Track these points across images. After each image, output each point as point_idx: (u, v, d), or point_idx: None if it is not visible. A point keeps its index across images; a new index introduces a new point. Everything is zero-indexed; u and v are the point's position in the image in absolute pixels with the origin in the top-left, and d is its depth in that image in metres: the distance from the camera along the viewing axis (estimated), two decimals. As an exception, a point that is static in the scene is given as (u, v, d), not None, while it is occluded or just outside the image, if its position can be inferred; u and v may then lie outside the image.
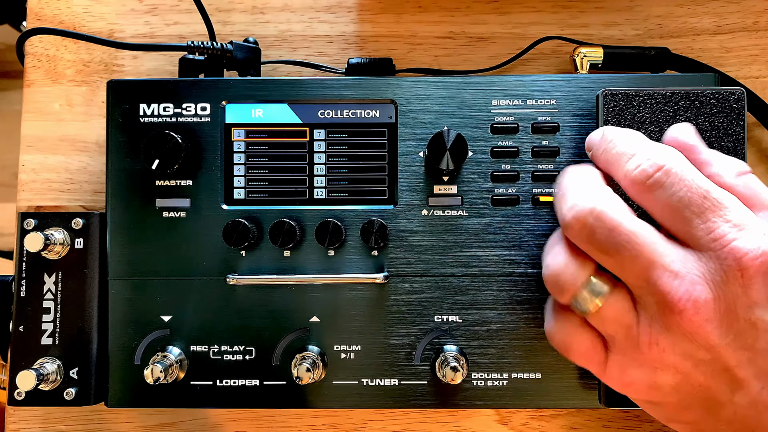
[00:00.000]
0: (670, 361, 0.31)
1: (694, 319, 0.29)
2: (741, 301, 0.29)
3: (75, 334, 0.42)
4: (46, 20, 0.49)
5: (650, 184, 0.31)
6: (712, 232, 0.30)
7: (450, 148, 0.39)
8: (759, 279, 0.29)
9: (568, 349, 0.35)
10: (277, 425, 0.46)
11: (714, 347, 0.30)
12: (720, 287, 0.29)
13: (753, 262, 0.29)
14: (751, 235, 0.29)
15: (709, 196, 0.30)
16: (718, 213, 0.30)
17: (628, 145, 0.33)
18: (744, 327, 0.30)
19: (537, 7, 0.49)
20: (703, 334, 0.30)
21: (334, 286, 0.42)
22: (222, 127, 0.42)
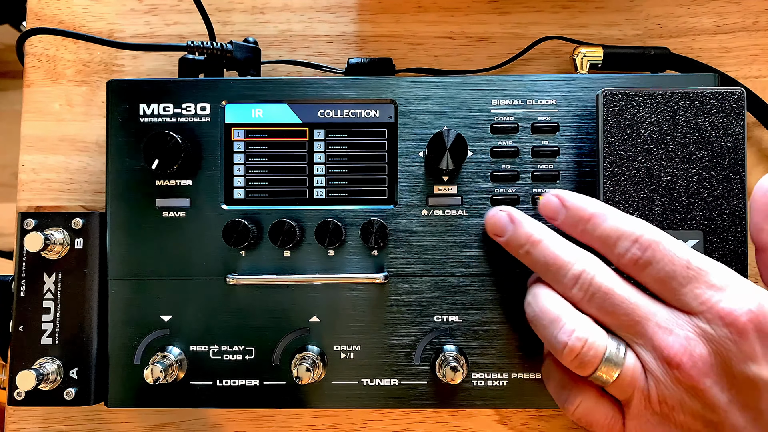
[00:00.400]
0: (681, 420, 0.32)
1: (692, 372, 0.31)
2: (736, 357, 0.31)
3: (75, 334, 0.42)
4: (46, 20, 0.49)
5: (640, 265, 0.33)
6: (699, 298, 0.32)
7: (450, 148, 0.39)
8: (749, 335, 0.31)
9: (591, 424, 0.36)
10: (277, 425, 0.46)
11: (718, 407, 0.31)
12: (713, 343, 0.31)
13: (740, 319, 0.31)
14: (735, 294, 0.32)
15: (691, 266, 0.33)
16: (701, 279, 0.32)
17: (608, 226, 0.35)
18: (743, 384, 0.31)
19: (537, 7, 0.49)
20: (703, 389, 0.31)
21: (334, 286, 0.42)
22: (222, 127, 0.42)
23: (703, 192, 0.39)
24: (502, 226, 0.38)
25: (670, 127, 0.39)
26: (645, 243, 0.33)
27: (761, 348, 0.31)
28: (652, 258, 0.33)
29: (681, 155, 0.39)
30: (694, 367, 0.31)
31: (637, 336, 0.33)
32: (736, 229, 0.39)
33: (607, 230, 0.35)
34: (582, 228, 0.35)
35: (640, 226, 0.34)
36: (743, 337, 0.31)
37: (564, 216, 0.36)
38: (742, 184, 0.39)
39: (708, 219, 0.39)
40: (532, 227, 0.37)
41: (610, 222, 0.35)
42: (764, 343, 0.31)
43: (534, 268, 0.37)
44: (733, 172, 0.39)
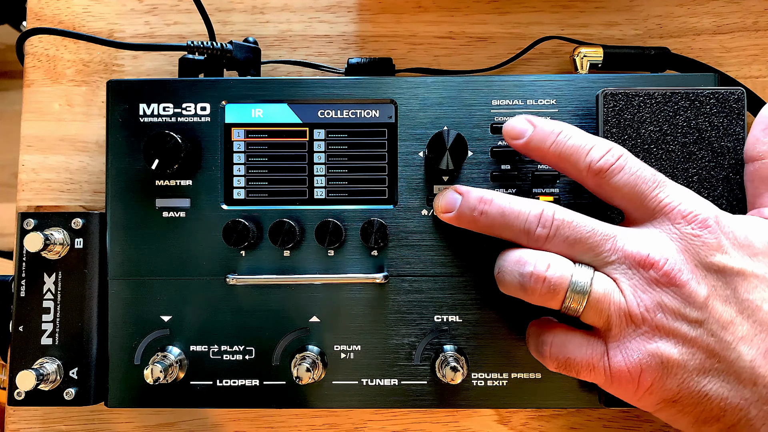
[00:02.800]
0: (664, 324, 0.32)
1: (666, 268, 0.32)
2: (703, 250, 0.32)
3: (75, 334, 0.42)
4: (46, 20, 0.49)
5: (612, 170, 0.35)
6: (663, 200, 0.34)
7: (450, 148, 0.39)
8: (713, 228, 0.32)
9: (570, 364, 0.35)
10: (277, 425, 0.46)
11: (699, 300, 0.32)
12: (679, 241, 0.33)
13: (701, 215, 0.33)
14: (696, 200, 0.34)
15: (657, 176, 0.35)
16: (665, 187, 0.34)
17: (579, 137, 0.36)
18: (717, 275, 0.32)
19: (537, 7, 0.49)
20: (681, 283, 0.32)
21: (334, 286, 0.42)
22: (222, 127, 0.42)
23: (703, 192, 0.39)
24: (450, 200, 0.38)
25: (670, 127, 0.39)
26: (617, 151, 0.35)
27: (726, 241, 0.33)
28: (624, 163, 0.34)
29: (681, 155, 0.39)
30: (666, 263, 0.32)
31: (607, 254, 0.34)
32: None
33: (580, 139, 0.36)
34: (553, 140, 0.36)
35: (608, 143, 0.36)
36: (708, 230, 0.32)
37: (532, 133, 0.37)
38: (742, 184, 0.39)
39: (708, 219, 0.39)
40: (480, 191, 0.37)
41: (580, 133, 0.36)
42: (729, 239, 0.33)
43: (492, 227, 0.37)
44: (733, 172, 0.39)
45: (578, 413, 0.46)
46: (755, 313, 0.31)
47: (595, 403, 0.41)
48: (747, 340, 0.31)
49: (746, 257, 0.33)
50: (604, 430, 0.46)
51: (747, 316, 0.32)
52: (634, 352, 0.32)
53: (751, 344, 0.31)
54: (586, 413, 0.46)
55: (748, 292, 0.32)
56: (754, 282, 0.32)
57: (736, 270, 0.32)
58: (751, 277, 0.32)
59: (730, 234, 0.33)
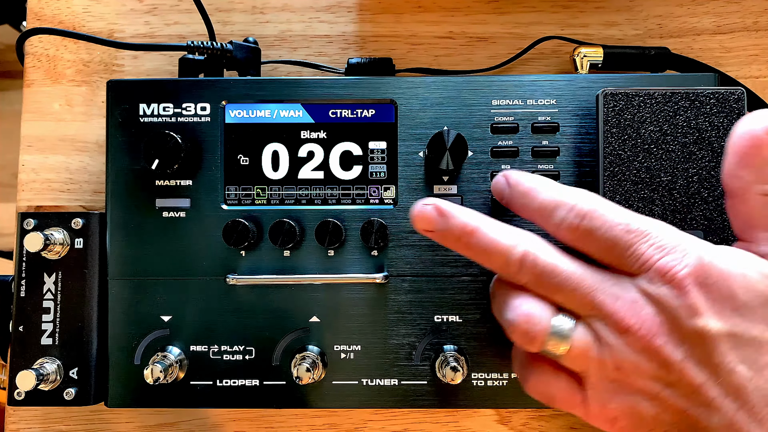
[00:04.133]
0: (640, 385, 0.32)
1: (641, 333, 0.31)
2: (681, 313, 0.31)
3: (75, 334, 0.42)
4: (45, 20, 0.49)
5: (579, 235, 0.33)
6: (640, 258, 0.32)
7: (450, 148, 0.39)
8: (689, 289, 0.31)
9: (550, 399, 0.36)
10: (277, 425, 0.46)
11: (672, 365, 0.31)
12: (659, 303, 0.31)
13: (678, 275, 0.31)
14: (675, 250, 0.32)
15: (630, 228, 0.32)
16: (642, 241, 0.32)
17: (544, 197, 0.34)
18: (694, 340, 0.31)
19: (537, 7, 0.49)
20: (656, 348, 0.31)
21: (334, 286, 0.42)
22: (222, 126, 0.42)
23: (704, 192, 0.39)
24: (430, 219, 0.35)
25: (671, 127, 0.39)
26: (581, 211, 0.33)
27: (705, 301, 0.31)
28: (590, 225, 0.33)
29: (681, 155, 0.39)
30: (642, 328, 0.31)
31: (589, 308, 0.33)
32: (736, 229, 0.39)
33: (544, 201, 0.34)
34: (521, 202, 0.35)
35: (575, 195, 0.34)
36: (684, 292, 0.31)
37: (508, 193, 0.36)
38: (742, 184, 0.39)
39: (708, 219, 0.39)
40: (465, 216, 0.35)
41: (546, 193, 0.34)
42: (708, 296, 0.31)
43: (476, 258, 0.35)
44: (733, 172, 0.39)
45: (578, 413, 0.46)
46: (729, 376, 0.31)
47: (595, 403, 0.41)
48: (717, 405, 0.31)
49: (726, 316, 0.31)
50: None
51: (720, 380, 0.31)
52: (611, 402, 0.33)
53: (720, 410, 0.31)
54: (586, 413, 0.46)
55: (722, 354, 0.31)
56: (731, 343, 0.31)
57: (712, 333, 0.31)
58: (728, 337, 0.31)
59: (712, 287, 0.31)
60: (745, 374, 0.31)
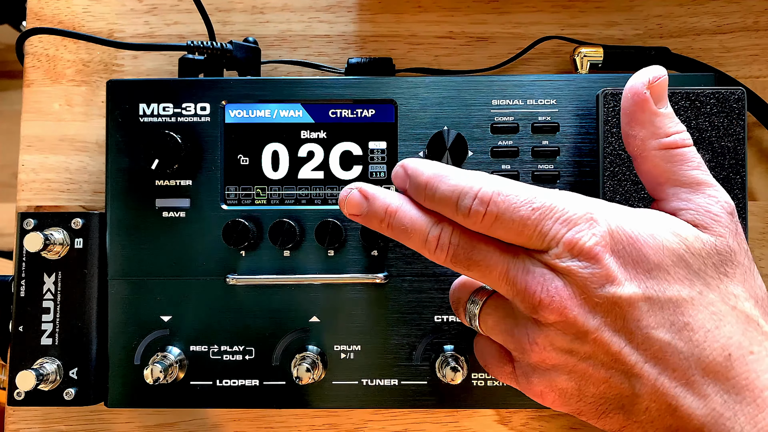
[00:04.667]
0: (555, 360, 0.32)
1: (553, 306, 0.31)
2: (592, 282, 0.30)
3: (75, 334, 0.42)
4: (45, 20, 0.49)
5: (486, 221, 0.32)
6: (547, 235, 0.31)
7: (450, 148, 0.39)
8: (601, 258, 0.30)
9: (484, 363, 0.37)
10: (277, 425, 0.46)
11: (587, 334, 0.31)
12: (568, 275, 0.31)
13: (586, 245, 0.30)
14: (581, 220, 0.31)
15: (534, 205, 0.31)
16: (547, 217, 0.31)
17: (445, 188, 0.33)
18: (607, 307, 0.30)
19: (537, 7, 0.49)
20: (569, 321, 0.31)
21: (334, 286, 0.42)
22: (222, 126, 0.42)
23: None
24: (356, 203, 0.35)
25: (671, 127, 0.39)
26: (485, 197, 0.32)
27: (617, 267, 0.30)
28: (496, 211, 0.31)
29: (681, 155, 0.39)
30: (553, 302, 0.31)
31: (503, 286, 0.32)
32: (737, 229, 0.39)
33: (446, 192, 0.33)
34: (423, 195, 0.34)
35: (478, 180, 0.32)
36: (595, 260, 0.30)
37: (408, 184, 0.35)
38: (742, 184, 0.39)
39: (708, 219, 0.39)
40: (387, 198, 0.34)
41: (447, 182, 0.33)
42: (620, 261, 0.31)
43: (399, 239, 0.35)
44: (733, 172, 0.39)
45: (578, 413, 0.46)
46: (647, 341, 0.30)
47: (595, 403, 0.41)
48: (639, 371, 0.30)
49: (639, 279, 0.30)
50: (604, 430, 0.46)
51: (636, 344, 0.30)
52: (534, 377, 0.33)
53: (643, 376, 0.30)
54: (586, 413, 0.46)
55: (638, 319, 0.30)
56: (646, 306, 0.30)
57: (625, 298, 0.30)
58: (643, 301, 0.30)
59: (622, 252, 0.31)
60: (664, 337, 0.30)
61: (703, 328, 0.30)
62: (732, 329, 0.30)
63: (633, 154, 0.35)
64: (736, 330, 0.30)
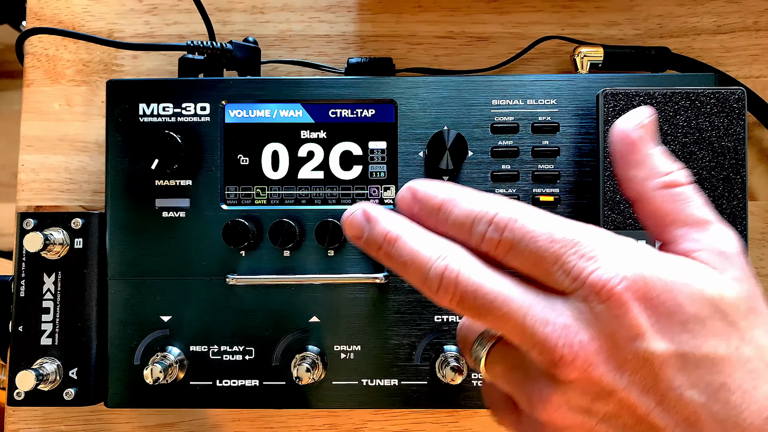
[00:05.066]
0: (571, 420, 0.29)
1: (577, 364, 0.27)
2: (621, 335, 0.27)
3: (74, 334, 0.42)
4: (45, 20, 0.49)
5: (501, 249, 0.29)
6: (570, 274, 0.28)
7: (450, 148, 0.39)
8: (629, 306, 0.27)
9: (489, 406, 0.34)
10: (277, 425, 0.46)
11: (612, 394, 0.27)
12: (594, 325, 0.27)
13: (615, 290, 0.27)
14: (609, 261, 0.28)
15: (555, 238, 0.28)
16: (570, 251, 0.28)
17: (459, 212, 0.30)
18: (637, 364, 0.27)
19: (537, 7, 0.49)
20: (593, 379, 0.27)
21: (334, 286, 0.42)
22: (222, 126, 0.42)
23: (704, 192, 0.39)
24: (357, 225, 0.31)
25: (671, 127, 0.39)
26: (501, 223, 0.29)
27: (647, 318, 0.27)
28: (511, 239, 0.28)
29: (681, 155, 0.39)
30: (576, 359, 0.27)
31: (518, 335, 0.28)
32: (737, 229, 0.39)
33: (460, 216, 0.30)
34: (435, 219, 0.31)
35: (494, 204, 0.29)
36: (624, 310, 0.27)
37: (418, 209, 0.31)
38: (742, 184, 0.39)
39: (708, 219, 0.39)
40: (389, 223, 0.31)
41: (461, 206, 0.30)
42: (650, 312, 0.27)
43: (398, 271, 0.31)
44: (733, 172, 0.39)
45: (578, 413, 0.46)
46: (678, 403, 0.27)
47: (596, 404, 0.41)
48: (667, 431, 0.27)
49: (673, 333, 0.27)
50: (605, 430, 0.46)
51: (667, 406, 0.27)
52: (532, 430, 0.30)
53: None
54: (587, 413, 0.46)
55: (670, 379, 0.27)
56: (679, 364, 0.27)
57: (657, 355, 0.27)
58: (675, 358, 0.27)
59: (655, 301, 0.27)
60: (698, 399, 0.27)
61: (741, 389, 0.27)
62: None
63: (633, 197, 0.32)
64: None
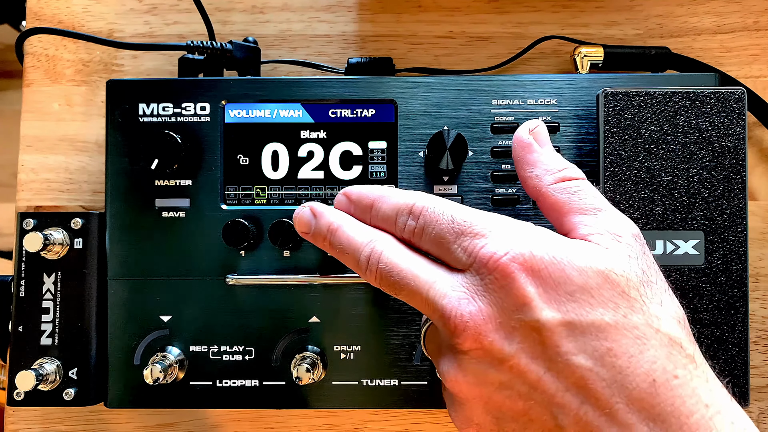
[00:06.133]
0: (469, 391, 0.31)
1: (468, 332, 0.29)
2: (509, 304, 0.29)
3: (74, 334, 0.42)
4: (45, 20, 0.49)
5: (417, 234, 0.33)
6: (466, 250, 0.31)
7: (450, 148, 0.39)
8: (516, 277, 0.29)
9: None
10: (277, 425, 0.46)
11: (504, 361, 0.29)
12: (484, 296, 0.30)
13: (501, 261, 0.29)
14: (499, 237, 0.31)
15: (455, 220, 0.32)
16: (467, 232, 0.31)
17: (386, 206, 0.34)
18: (525, 332, 0.29)
19: (537, 7, 0.49)
20: (485, 347, 0.29)
21: (334, 286, 0.42)
22: (221, 126, 0.42)
23: (704, 192, 0.39)
24: (306, 221, 0.36)
25: (671, 127, 0.39)
26: (416, 211, 0.33)
27: (534, 289, 0.29)
28: (424, 223, 0.32)
29: (681, 155, 0.39)
30: (468, 327, 0.29)
31: (425, 309, 0.31)
32: (737, 229, 0.39)
33: (387, 211, 0.34)
34: (368, 216, 0.35)
35: (413, 197, 0.33)
36: (511, 281, 0.29)
37: (353, 209, 0.36)
38: (742, 184, 0.39)
39: (708, 219, 0.39)
40: (331, 216, 0.35)
41: (389, 201, 0.34)
42: (538, 283, 0.29)
43: (338, 257, 0.35)
44: (733, 172, 0.39)
45: (578, 413, 0.46)
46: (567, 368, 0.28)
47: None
48: (559, 398, 0.28)
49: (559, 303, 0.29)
50: (605, 430, 0.46)
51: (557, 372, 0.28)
52: (453, 409, 0.33)
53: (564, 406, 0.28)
54: (587, 413, 0.46)
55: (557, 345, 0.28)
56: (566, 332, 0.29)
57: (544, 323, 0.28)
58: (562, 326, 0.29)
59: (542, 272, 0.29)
60: (585, 364, 0.28)
61: (627, 354, 0.28)
62: (656, 353, 0.28)
63: (534, 194, 0.35)
64: (660, 354, 0.28)
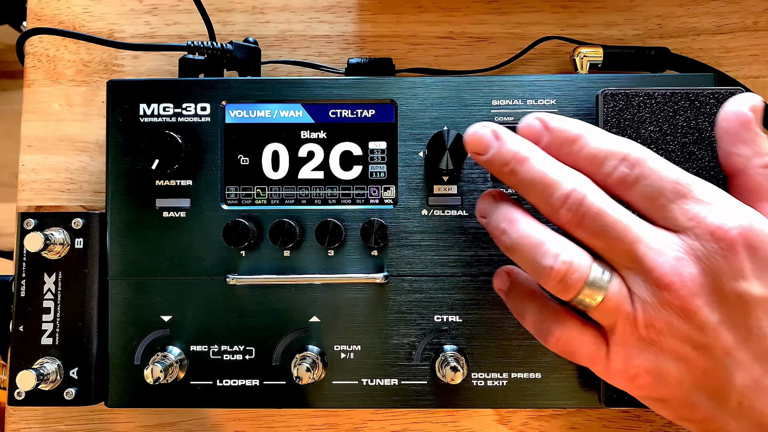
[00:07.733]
0: (669, 344, 0.31)
1: (682, 293, 0.31)
2: (725, 274, 0.30)
3: (75, 334, 0.42)
4: (46, 20, 0.49)
5: (627, 183, 0.33)
6: (687, 213, 0.31)
7: (450, 148, 0.39)
8: (739, 250, 0.30)
9: (572, 353, 0.35)
10: (277, 425, 0.46)
11: (707, 327, 0.31)
12: (703, 261, 0.31)
13: (729, 233, 0.31)
14: (724, 209, 0.31)
15: (680, 182, 0.32)
16: (689, 195, 0.32)
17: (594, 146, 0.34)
18: (733, 302, 0.31)
19: (537, 7, 0.49)
20: (694, 309, 0.31)
21: (334, 286, 0.42)
22: (222, 126, 0.42)
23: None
24: (485, 142, 0.34)
25: (670, 127, 0.39)
26: (633, 160, 0.33)
27: (751, 264, 0.31)
28: (640, 174, 0.32)
29: (681, 155, 0.39)
30: (683, 287, 0.31)
31: (627, 259, 0.32)
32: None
33: (593, 150, 0.33)
34: (567, 149, 0.34)
35: (626, 145, 0.33)
36: (733, 252, 0.30)
37: (548, 139, 0.34)
38: (742, 184, 0.39)
39: (708, 219, 0.39)
40: (518, 144, 0.34)
41: (597, 141, 0.34)
42: (754, 259, 0.31)
43: (518, 188, 0.34)
44: (733, 172, 0.39)
45: (578, 413, 0.46)
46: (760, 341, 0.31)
47: (595, 403, 0.41)
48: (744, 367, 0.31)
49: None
50: (604, 430, 0.46)
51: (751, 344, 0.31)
52: (635, 359, 0.32)
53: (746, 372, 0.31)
54: (586, 413, 0.46)
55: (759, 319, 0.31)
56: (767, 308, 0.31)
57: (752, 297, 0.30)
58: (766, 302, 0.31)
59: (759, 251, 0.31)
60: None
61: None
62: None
63: (734, 171, 0.35)
64: None
